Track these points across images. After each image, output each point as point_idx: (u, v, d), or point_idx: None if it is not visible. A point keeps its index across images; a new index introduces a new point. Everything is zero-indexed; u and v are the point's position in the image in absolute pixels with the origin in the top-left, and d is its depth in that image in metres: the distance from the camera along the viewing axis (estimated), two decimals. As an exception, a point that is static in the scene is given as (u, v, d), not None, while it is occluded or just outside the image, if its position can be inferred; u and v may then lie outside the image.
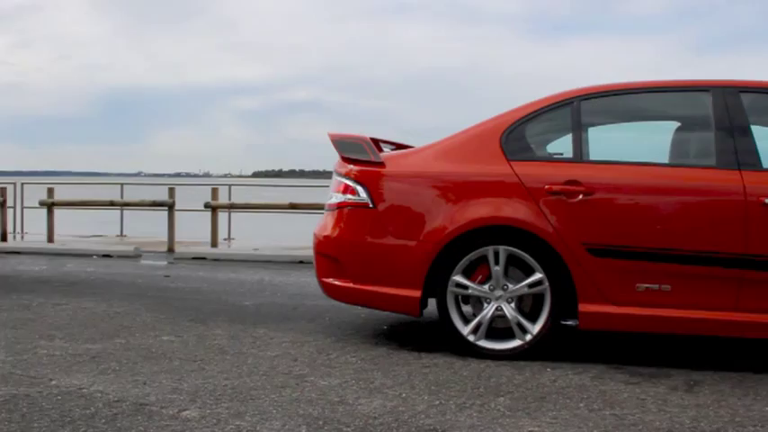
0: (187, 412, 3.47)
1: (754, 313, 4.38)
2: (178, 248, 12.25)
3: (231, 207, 14.15)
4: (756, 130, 4.57)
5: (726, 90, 4.67)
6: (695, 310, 4.44)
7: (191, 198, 14.92)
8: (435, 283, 4.67)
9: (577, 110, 4.78)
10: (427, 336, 5.25)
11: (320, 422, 3.35)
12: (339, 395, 3.79)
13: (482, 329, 4.63)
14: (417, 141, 5.22)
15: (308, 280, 8.21)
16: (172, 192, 12.99)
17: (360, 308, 5.84)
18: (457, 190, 4.70)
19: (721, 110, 4.61)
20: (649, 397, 3.86)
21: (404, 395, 3.81)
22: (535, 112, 4.83)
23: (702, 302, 4.43)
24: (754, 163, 4.46)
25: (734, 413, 3.62)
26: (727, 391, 4.00)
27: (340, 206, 4.92)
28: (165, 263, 10.67)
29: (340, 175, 4.98)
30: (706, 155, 4.63)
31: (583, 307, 4.51)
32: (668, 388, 4.04)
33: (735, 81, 4.73)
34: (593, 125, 4.93)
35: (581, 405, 3.70)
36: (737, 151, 4.49)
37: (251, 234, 15.86)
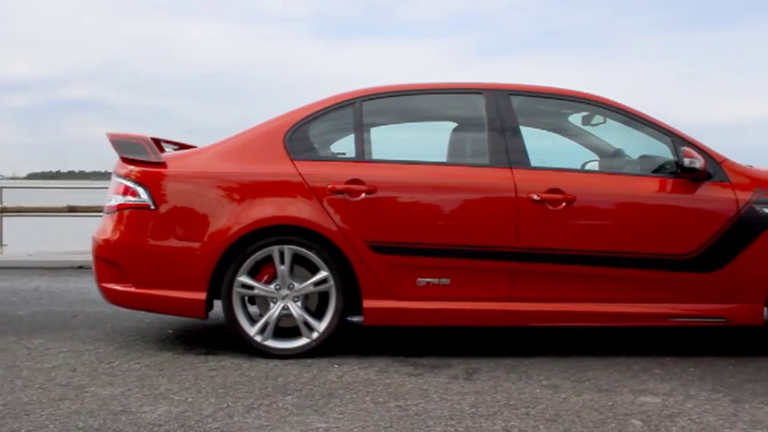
0: (-48, 433, 3.23)
1: (525, 302, 4.67)
2: (-58, 257, 11.36)
3: (2, 211, 13.29)
4: (525, 130, 4.86)
5: (497, 93, 4.93)
6: (473, 302, 4.66)
7: (-43, 202, 13.89)
8: (221, 285, 4.62)
9: (359, 110, 4.89)
10: (214, 338, 5.17)
11: (101, 433, 3.23)
12: (122, 404, 3.67)
13: (269, 329, 4.63)
14: (202, 141, 5.13)
15: (88, 286, 7.85)
16: (-66, 196, 12.04)
17: (143, 313, 5.67)
18: (241, 190, 4.67)
19: (493, 111, 4.86)
20: (432, 387, 4.02)
21: (190, 400, 3.75)
22: (318, 112, 4.89)
23: (479, 294, 4.66)
24: (524, 162, 4.74)
25: (509, 397, 3.84)
26: (502, 376, 4.24)
27: (120, 208, 4.75)
28: (-72, 273, 9.86)
29: (119, 176, 4.80)
30: (480, 154, 4.86)
31: (367, 303, 4.61)
32: (449, 377, 4.22)
33: (506, 84, 5.01)
34: (375, 125, 5.05)
35: (367, 399, 3.79)
36: (508, 150, 4.76)
37: (26, 239, 14.97)
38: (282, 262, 4.60)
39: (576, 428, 3.38)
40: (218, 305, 4.73)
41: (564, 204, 4.62)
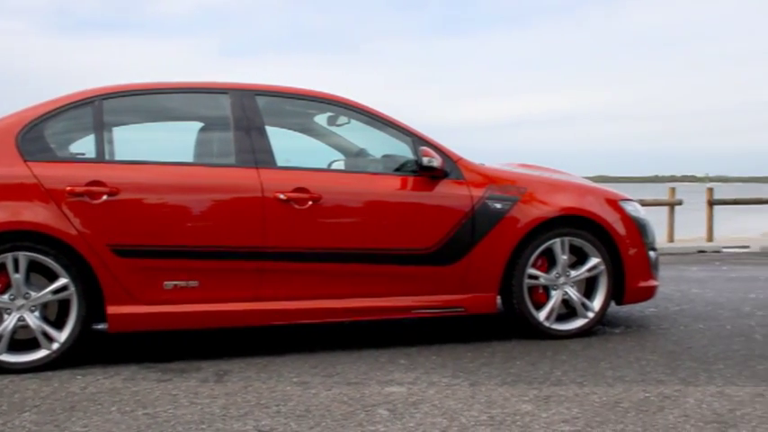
0: None
1: (275, 301, 4.71)
2: None
3: None
4: (271, 130, 4.89)
5: (243, 93, 4.92)
6: (222, 303, 4.64)
7: None
8: (-54, 298, 4.27)
9: (99, 109, 4.70)
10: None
11: None
12: None
13: (3, 343, 4.32)
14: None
15: None
16: None
17: None
18: (-32, 194, 4.34)
19: (239, 111, 4.85)
20: (181, 392, 3.95)
21: None
22: (55, 110, 4.64)
23: (228, 295, 4.64)
24: (270, 161, 4.77)
25: (260, 396, 3.86)
26: (253, 376, 4.24)
27: None
28: None
29: None
30: (227, 154, 4.84)
31: (111, 309, 4.45)
32: (199, 381, 4.16)
33: (251, 84, 5.01)
34: (117, 125, 4.89)
35: (113, 409, 3.67)
36: (255, 150, 4.76)
37: None
38: (17, 270, 4.32)
39: (326, 422, 3.46)
40: (-57, 319, 4.37)
41: (310, 203, 4.70)
